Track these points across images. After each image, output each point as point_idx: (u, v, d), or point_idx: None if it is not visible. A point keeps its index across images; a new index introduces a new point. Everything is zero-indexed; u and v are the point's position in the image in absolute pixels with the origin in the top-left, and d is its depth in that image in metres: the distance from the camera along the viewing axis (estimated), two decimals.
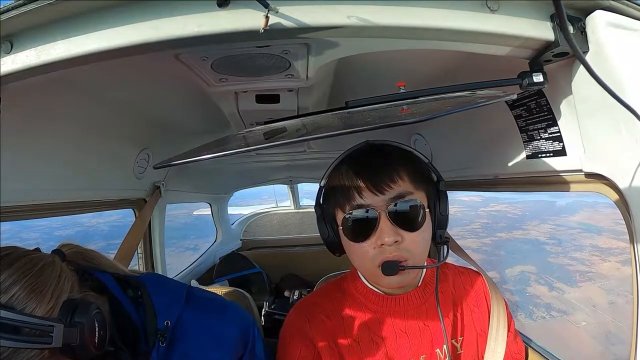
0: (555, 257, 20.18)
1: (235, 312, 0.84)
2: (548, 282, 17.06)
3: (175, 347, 0.72)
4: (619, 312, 14.35)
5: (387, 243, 0.71)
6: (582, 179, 0.77)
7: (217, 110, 1.08)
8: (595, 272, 17.89)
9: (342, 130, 0.52)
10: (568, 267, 18.74)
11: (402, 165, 0.76)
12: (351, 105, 0.67)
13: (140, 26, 0.56)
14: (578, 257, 19.63)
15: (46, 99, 0.85)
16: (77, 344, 0.57)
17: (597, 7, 0.61)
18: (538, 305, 14.92)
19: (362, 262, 0.77)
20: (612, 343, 11.76)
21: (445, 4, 0.59)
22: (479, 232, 23.80)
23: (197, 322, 0.77)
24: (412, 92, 0.66)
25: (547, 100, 0.79)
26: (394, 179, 0.74)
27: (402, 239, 0.72)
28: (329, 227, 0.83)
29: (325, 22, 0.57)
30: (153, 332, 0.70)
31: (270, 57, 0.72)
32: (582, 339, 12.44)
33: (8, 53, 0.60)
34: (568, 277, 17.66)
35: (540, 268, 18.17)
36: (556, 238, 22.87)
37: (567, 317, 14.31)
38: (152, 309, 0.72)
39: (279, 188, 3.37)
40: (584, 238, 22.52)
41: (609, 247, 19.62)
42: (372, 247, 0.74)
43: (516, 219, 28.54)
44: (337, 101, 1.08)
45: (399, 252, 0.72)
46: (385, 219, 0.72)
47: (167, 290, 0.78)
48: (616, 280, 16.73)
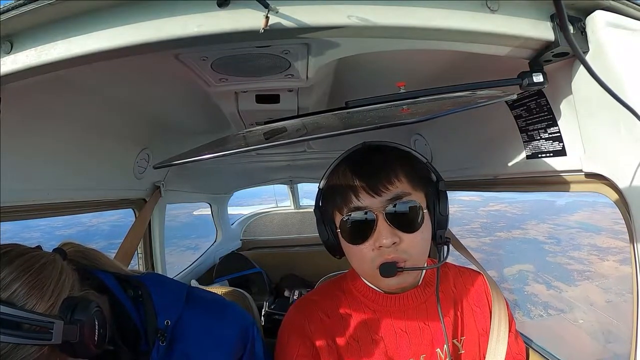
0: (554, 256, 20.28)
1: (235, 312, 0.84)
2: (546, 281, 17.19)
3: (175, 347, 0.72)
4: (616, 310, 14.42)
5: (385, 245, 0.71)
6: (582, 179, 0.76)
7: (217, 110, 1.08)
8: (593, 271, 18.00)
9: (342, 130, 0.52)
10: (566, 266, 18.84)
11: (399, 166, 0.76)
12: (351, 105, 0.67)
13: (140, 26, 0.56)
14: (576, 256, 19.72)
15: (46, 99, 0.85)
16: (77, 341, 0.57)
17: (597, 7, 0.61)
18: (536, 304, 15.01)
19: (361, 264, 0.77)
20: (610, 341, 11.81)
21: (445, 4, 0.59)
22: (478, 231, 23.89)
23: (197, 322, 0.77)
24: (412, 92, 0.66)
25: (547, 100, 0.79)
26: (391, 180, 0.73)
27: (401, 240, 0.72)
28: (328, 229, 0.83)
29: (325, 22, 0.57)
30: (153, 331, 0.70)
31: (270, 57, 0.72)
32: (580, 337, 12.49)
33: (8, 53, 0.60)
34: (566, 276, 17.78)
35: (538, 267, 18.29)
36: (555, 237, 22.98)
37: (564, 315, 14.38)
38: (152, 308, 0.72)
39: (279, 188, 3.37)
40: (583, 237, 22.63)
41: (607, 246, 19.70)
42: (370, 249, 0.74)
43: (515, 218, 28.65)
44: (337, 101, 1.08)
45: (398, 254, 0.72)
46: (382, 220, 0.72)
47: (168, 290, 0.78)
48: (614, 279, 16.84)
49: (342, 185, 0.77)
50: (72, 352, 0.58)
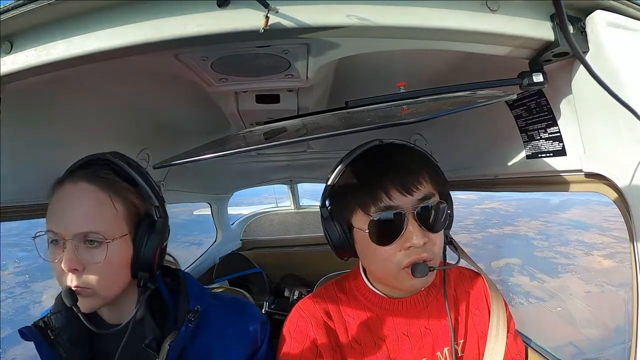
0: (541, 251, 20.61)
1: (253, 310, 0.88)
2: (530, 273, 17.77)
3: (199, 334, 0.76)
4: (594, 300, 15.19)
5: (417, 245, 0.70)
6: (582, 179, 0.76)
7: (217, 110, 1.08)
8: (576, 265, 18.45)
9: (342, 130, 0.52)
10: (552, 259, 19.24)
11: (424, 166, 0.76)
12: (351, 105, 0.67)
13: (140, 26, 0.56)
14: (563, 250, 20.08)
15: (46, 99, 0.85)
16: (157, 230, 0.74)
17: (597, 7, 0.61)
18: (518, 293, 15.62)
19: (385, 265, 0.75)
20: (584, 326, 12.43)
21: (445, 4, 0.59)
22: (470, 227, 24.13)
23: (221, 314, 0.81)
24: (412, 92, 0.66)
25: (547, 100, 0.79)
26: (420, 180, 0.73)
27: (428, 240, 0.72)
28: (339, 228, 0.79)
29: (325, 22, 0.57)
30: (184, 311, 0.74)
31: (270, 57, 0.72)
32: (555, 322, 13.16)
33: (8, 53, 0.60)
34: (550, 268, 18.37)
35: (525, 260, 18.75)
36: (544, 233, 23.33)
37: (543, 303, 15.01)
38: (186, 295, 0.77)
39: (279, 188, 3.36)
40: (572, 234, 22.95)
41: (593, 242, 20.03)
42: (397, 249, 0.72)
43: (509, 215, 28.91)
44: (337, 101, 1.08)
45: (426, 254, 0.72)
46: (413, 220, 0.71)
47: (197, 283, 0.84)
48: (595, 272, 17.57)
49: (367, 183, 0.74)
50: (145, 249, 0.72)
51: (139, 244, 0.72)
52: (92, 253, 0.66)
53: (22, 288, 16.57)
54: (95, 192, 0.69)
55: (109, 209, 0.69)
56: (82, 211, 0.67)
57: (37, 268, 15.77)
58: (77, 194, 0.68)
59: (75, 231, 0.66)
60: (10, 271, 18.04)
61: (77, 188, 0.69)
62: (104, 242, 0.67)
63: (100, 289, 0.67)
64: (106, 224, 0.68)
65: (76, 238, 0.66)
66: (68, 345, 0.71)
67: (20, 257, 17.70)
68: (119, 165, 0.75)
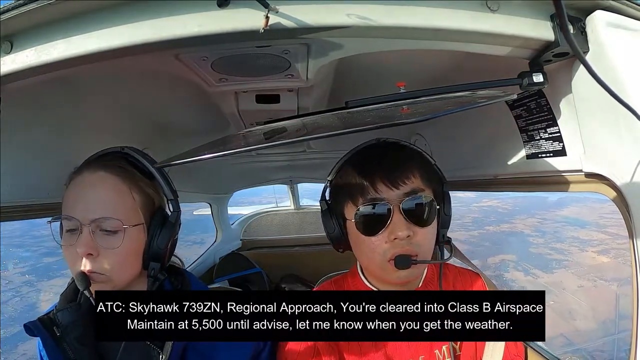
0: (536, 247, 20.82)
1: None
2: (525, 269, 18.04)
3: None
4: (586, 294, 15.47)
5: (400, 237, 0.73)
6: (582, 179, 0.76)
7: (217, 110, 1.08)
8: (571, 260, 18.74)
9: (342, 130, 0.52)
10: (547, 255, 19.48)
11: (415, 163, 0.79)
12: (351, 105, 0.67)
13: (140, 26, 0.56)
14: (558, 247, 20.30)
15: (46, 99, 0.85)
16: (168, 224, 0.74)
17: (597, 7, 0.61)
18: (512, 288, 15.86)
19: (372, 256, 0.78)
20: (574, 319, 12.74)
21: (445, 4, 0.59)
22: (468, 225, 24.29)
23: None
24: (412, 92, 0.66)
25: (547, 100, 0.79)
26: (408, 175, 0.76)
27: (414, 233, 0.74)
28: (335, 221, 0.83)
29: (325, 22, 0.57)
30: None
31: (270, 57, 0.72)
32: (547, 315, 13.47)
33: (8, 53, 0.60)
34: (545, 264, 18.67)
35: (520, 257, 19.09)
36: (540, 230, 23.53)
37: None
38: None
39: (279, 188, 3.36)
40: (567, 230, 23.16)
41: (588, 238, 20.28)
42: (383, 241, 0.75)
43: (506, 213, 29.13)
44: (337, 101, 1.08)
45: (411, 247, 0.74)
46: (398, 213, 0.74)
47: (201, 282, 0.86)
48: (588, 267, 17.89)
49: (358, 177, 0.78)
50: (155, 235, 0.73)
51: (153, 234, 0.73)
52: (108, 239, 0.67)
53: (28, 287, 16.65)
54: (114, 180, 0.70)
55: (127, 197, 0.70)
56: (101, 198, 0.69)
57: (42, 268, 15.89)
58: (95, 182, 0.70)
59: (93, 217, 0.66)
60: (15, 271, 18.15)
61: (96, 176, 0.70)
62: (121, 228, 0.68)
63: (113, 275, 0.68)
64: (124, 211, 0.69)
65: (93, 224, 0.66)
66: (76, 345, 0.71)
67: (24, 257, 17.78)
68: (136, 158, 0.77)
